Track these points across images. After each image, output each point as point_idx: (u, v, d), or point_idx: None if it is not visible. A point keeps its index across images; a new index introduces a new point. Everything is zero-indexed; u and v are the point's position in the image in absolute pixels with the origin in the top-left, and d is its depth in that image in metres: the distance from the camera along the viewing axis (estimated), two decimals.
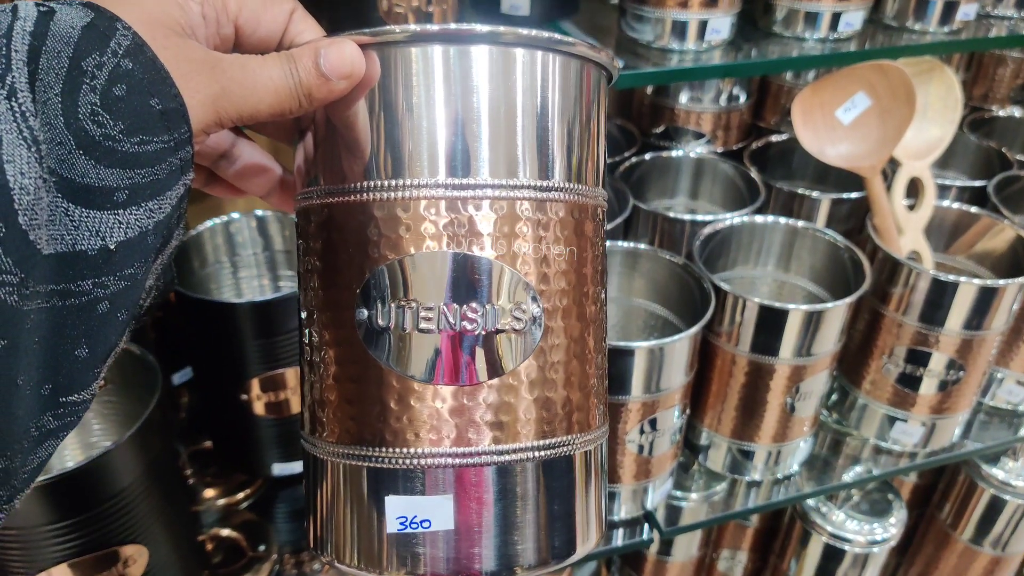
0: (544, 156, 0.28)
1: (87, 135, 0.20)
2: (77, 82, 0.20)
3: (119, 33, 0.21)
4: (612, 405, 0.60)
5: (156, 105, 0.21)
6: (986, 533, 0.92)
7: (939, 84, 0.75)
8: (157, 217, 0.22)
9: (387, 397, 0.28)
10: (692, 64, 0.63)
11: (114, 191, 0.20)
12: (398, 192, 0.27)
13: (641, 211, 0.73)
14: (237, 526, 0.70)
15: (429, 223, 0.27)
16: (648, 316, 0.71)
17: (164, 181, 0.22)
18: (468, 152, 0.27)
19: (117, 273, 0.21)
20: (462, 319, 0.27)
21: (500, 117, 0.27)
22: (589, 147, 0.29)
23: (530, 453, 0.28)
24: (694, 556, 0.92)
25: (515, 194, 0.27)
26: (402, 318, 0.27)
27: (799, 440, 0.71)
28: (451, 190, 0.26)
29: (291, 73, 0.25)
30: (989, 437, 0.81)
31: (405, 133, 0.27)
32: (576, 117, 0.28)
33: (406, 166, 0.27)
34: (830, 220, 0.78)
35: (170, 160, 0.22)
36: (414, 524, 0.28)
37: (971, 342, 0.68)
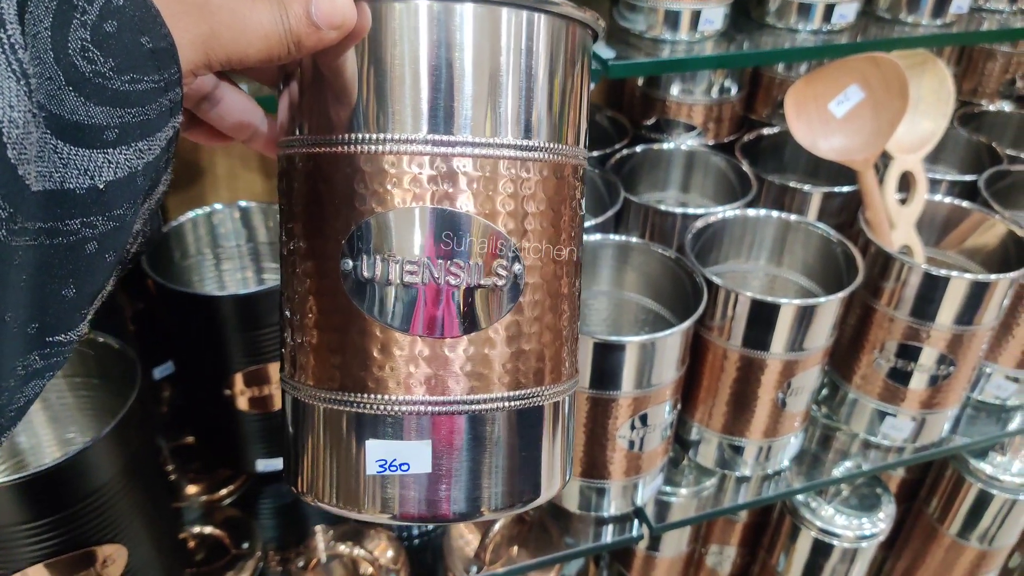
0: (528, 115, 0.28)
1: (77, 71, 0.20)
2: (67, 16, 0.19)
3: None
4: (603, 400, 0.59)
5: (147, 43, 0.21)
6: (973, 527, 0.93)
7: (932, 77, 0.74)
8: (147, 158, 0.22)
9: (370, 346, 0.28)
10: (685, 55, 0.62)
11: (104, 129, 0.20)
12: (384, 146, 0.27)
13: (632, 204, 0.73)
14: (220, 523, 0.69)
15: (415, 178, 0.27)
16: (639, 310, 0.70)
17: (154, 122, 0.21)
18: (453, 109, 0.27)
19: (106, 214, 0.21)
20: (446, 274, 0.27)
21: (485, 75, 0.27)
22: (571, 107, 0.30)
23: (504, 403, 0.29)
24: (683, 551, 0.92)
25: (499, 152, 0.27)
26: (387, 270, 0.28)
27: (790, 435, 0.71)
28: (436, 146, 0.27)
29: (281, 20, 0.25)
30: (977, 432, 0.81)
31: (392, 87, 0.27)
32: (560, 77, 0.29)
33: (392, 120, 0.27)
34: (822, 214, 0.77)
35: (160, 100, 0.22)
36: (393, 467, 0.29)
37: (962, 337, 0.68)
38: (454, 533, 0.71)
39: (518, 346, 0.29)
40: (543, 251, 0.29)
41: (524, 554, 0.68)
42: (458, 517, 0.29)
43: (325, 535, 0.70)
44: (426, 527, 0.73)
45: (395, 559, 0.69)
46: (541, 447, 0.31)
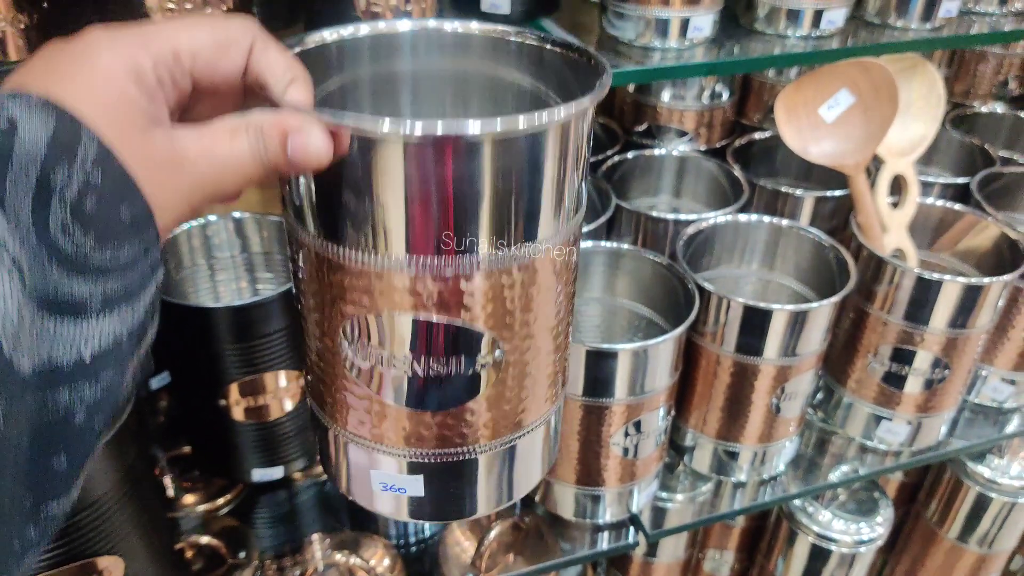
0: (501, 226, 0.30)
1: (58, 249, 0.20)
2: (46, 199, 0.20)
3: (85, 141, 0.21)
4: (596, 408, 0.59)
5: (125, 214, 0.21)
6: (972, 531, 0.93)
7: (922, 81, 0.75)
8: (130, 323, 0.22)
9: (370, 409, 0.34)
10: (674, 62, 0.63)
11: (87, 301, 0.21)
12: (375, 262, 0.30)
13: (624, 210, 0.73)
14: (217, 532, 0.69)
15: (401, 291, 0.30)
16: (631, 316, 0.70)
17: (135, 287, 0.22)
18: (434, 232, 0.29)
19: (93, 382, 0.21)
20: (426, 368, 0.32)
21: (463, 203, 0.29)
22: (559, 200, 0.31)
23: (487, 449, 0.35)
24: (680, 557, 0.92)
25: (477, 266, 0.30)
26: (377, 359, 0.32)
27: (785, 440, 0.71)
28: (418, 265, 0.29)
29: (261, 152, 0.25)
30: (975, 435, 0.81)
31: (379, 211, 0.29)
32: (534, 185, 0.30)
33: (382, 241, 0.29)
34: (814, 218, 0.78)
35: (140, 264, 0.22)
36: (392, 488, 0.36)
37: (956, 340, 0.68)
38: (450, 540, 0.71)
39: (499, 409, 0.34)
40: (525, 334, 0.33)
41: (520, 561, 0.68)
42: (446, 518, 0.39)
43: (321, 544, 0.70)
44: (422, 534, 0.74)
45: (391, 567, 0.69)
46: (522, 466, 0.37)
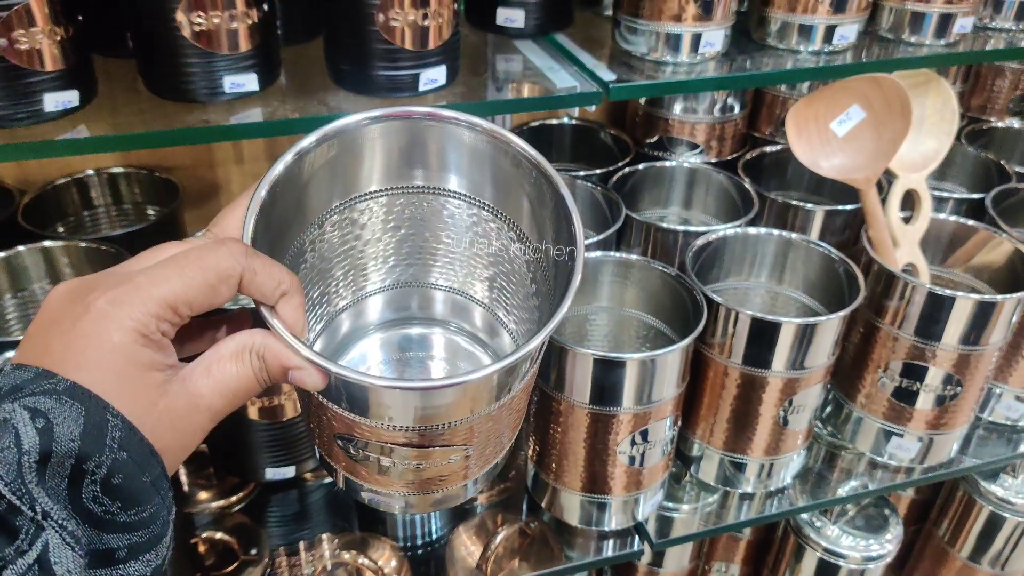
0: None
1: (91, 514, 0.24)
2: (80, 482, 0.24)
3: (111, 424, 0.25)
4: (603, 416, 0.60)
5: (147, 480, 0.25)
6: (985, 550, 0.91)
7: (936, 96, 0.75)
8: (154, 564, 0.26)
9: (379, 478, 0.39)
10: (686, 76, 0.64)
11: (115, 551, 0.24)
12: (362, 429, 0.35)
13: (634, 221, 0.74)
14: (230, 529, 0.71)
15: (378, 444, 0.35)
16: (640, 326, 0.71)
17: (158, 534, 0.25)
18: (407, 415, 0.34)
19: None
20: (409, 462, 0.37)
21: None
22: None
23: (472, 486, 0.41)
24: (685, 568, 0.92)
25: (436, 433, 0.35)
26: (366, 455, 0.37)
27: (792, 453, 0.71)
28: (389, 430, 0.34)
29: (264, 377, 0.29)
30: (988, 453, 0.80)
31: (368, 403, 0.33)
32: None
33: (368, 414, 0.34)
34: (824, 232, 0.78)
35: (160, 514, 0.26)
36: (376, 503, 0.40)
37: (969, 357, 0.67)
38: (456, 543, 0.72)
39: (462, 481, 0.39)
40: (488, 439, 0.38)
41: (525, 566, 0.69)
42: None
43: (331, 544, 0.72)
44: (429, 537, 0.74)
45: (398, 568, 0.70)
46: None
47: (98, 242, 0.70)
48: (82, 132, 0.48)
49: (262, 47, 0.52)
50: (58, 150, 0.48)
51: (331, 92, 0.56)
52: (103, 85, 0.53)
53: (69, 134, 0.48)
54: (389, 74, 0.54)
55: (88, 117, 0.50)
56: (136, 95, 0.53)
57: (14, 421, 0.23)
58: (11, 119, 0.47)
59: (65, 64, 0.48)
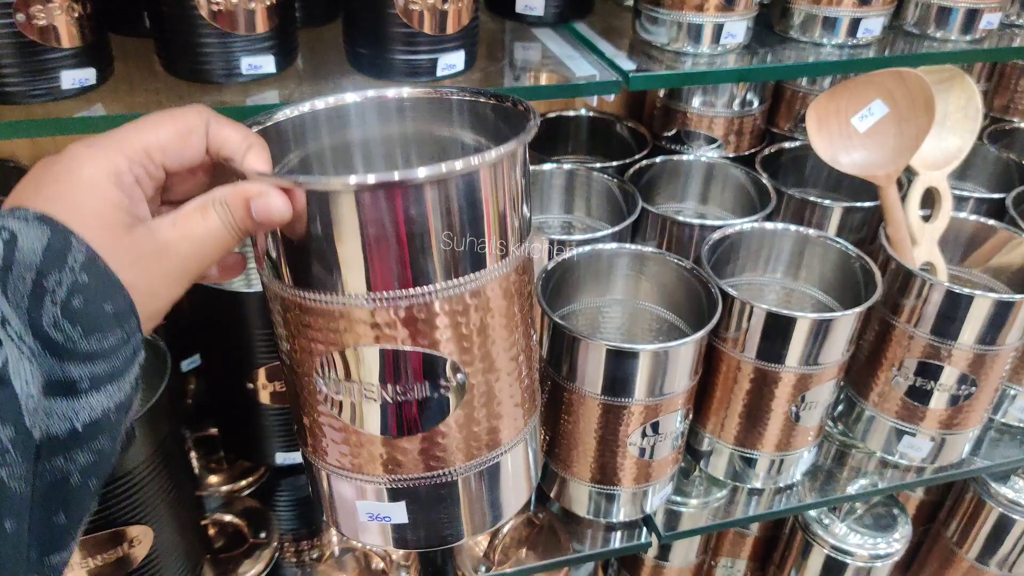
0: (454, 260, 0.33)
1: (51, 340, 0.24)
2: (40, 299, 0.24)
3: (74, 248, 0.25)
4: (615, 407, 0.60)
5: (109, 309, 0.25)
6: (993, 552, 0.91)
7: (959, 93, 0.74)
8: (117, 398, 0.25)
9: (348, 440, 0.36)
10: (706, 67, 0.63)
11: (78, 382, 0.24)
12: (338, 302, 0.33)
13: (650, 214, 0.73)
14: (239, 512, 0.71)
15: (364, 325, 0.33)
16: (654, 319, 0.71)
17: (120, 368, 0.26)
18: (391, 271, 0.32)
19: (85, 449, 0.25)
20: (396, 395, 0.34)
21: (411, 241, 0.32)
22: (501, 227, 0.34)
23: (463, 472, 0.37)
24: (692, 563, 0.92)
25: (431, 297, 0.33)
26: (350, 393, 0.34)
27: (803, 450, 0.70)
28: (377, 301, 0.32)
29: (230, 223, 0.29)
30: (999, 455, 0.79)
31: (336, 256, 0.32)
32: (474, 221, 0.33)
33: (343, 282, 0.32)
34: (842, 229, 0.77)
35: (123, 350, 0.26)
36: (377, 518, 0.38)
37: (984, 357, 0.67)
38: None
39: (469, 430, 0.36)
40: (484, 356, 0.35)
41: (532, 556, 0.69)
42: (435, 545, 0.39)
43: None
44: None
45: (406, 556, 0.70)
46: (501, 488, 0.39)
47: None
48: (98, 110, 0.48)
49: (280, 29, 0.52)
50: (74, 128, 0.47)
51: (348, 75, 0.56)
52: (119, 64, 0.52)
53: (85, 112, 0.48)
54: (407, 58, 0.54)
55: (104, 96, 0.50)
56: (152, 75, 0.52)
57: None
58: (28, 95, 0.47)
59: (82, 41, 0.47)
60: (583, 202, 0.81)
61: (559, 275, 0.66)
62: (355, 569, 0.69)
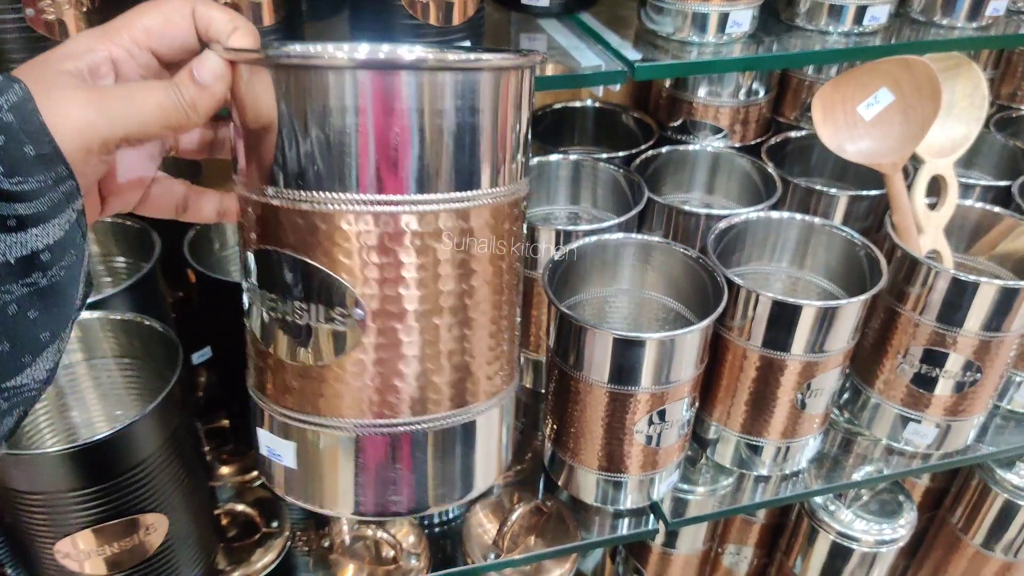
0: (379, 167, 0.29)
1: None
2: None
3: (11, 91, 0.25)
4: (621, 395, 0.60)
5: (30, 152, 0.25)
6: (998, 538, 0.91)
7: (966, 81, 0.73)
8: (47, 240, 0.26)
9: (258, 359, 0.34)
10: (712, 57, 0.63)
11: (6, 219, 0.25)
12: (260, 195, 0.31)
13: (656, 204, 0.73)
14: (251, 503, 0.72)
15: (277, 224, 0.30)
16: (660, 309, 0.71)
17: (47, 212, 0.26)
18: (298, 163, 0.30)
19: (19, 282, 0.26)
20: (293, 312, 0.31)
21: (337, 136, 0.29)
22: (442, 157, 0.30)
23: (354, 428, 0.32)
24: (699, 550, 0.93)
25: (357, 207, 0.29)
26: (256, 299, 0.32)
27: (809, 437, 0.71)
28: (287, 200, 0.30)
29: (174, 91, 0.29)
30: (1005, 441, 0.79)
31: (283, 146, 0.30)
32: (404, 127, 0.29)
33: (256, 175, 0.31)
34: (848, 217, 0.77)
35: (50, 195, 0.26)
36: (273, 455, 0.35)
37: (989, 344, 0.67)
38: (473, 521, 0.73)
39: (363, 382, 0.32)
40: (392, 299, 0.31)
41: (540, 543, 0.70)
42: (321, 507, 0.34)
43: (350, 519, 0.73)
44: (446, 516, 0.76)
45: (416, 544, 0.71)
46: (419, 466, 0.34)
47: (123, 217, 0.71)
48: None
49: (286, 21, 0.52)
50: None
51: None
52: None
53: None
54: None
55: None
56: None
57: None
58: None
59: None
60: (589, 193, 0.81)
61: (566, 265, 0.66)
62: (365, 557, 0.70)
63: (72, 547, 0.52)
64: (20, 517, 0.51)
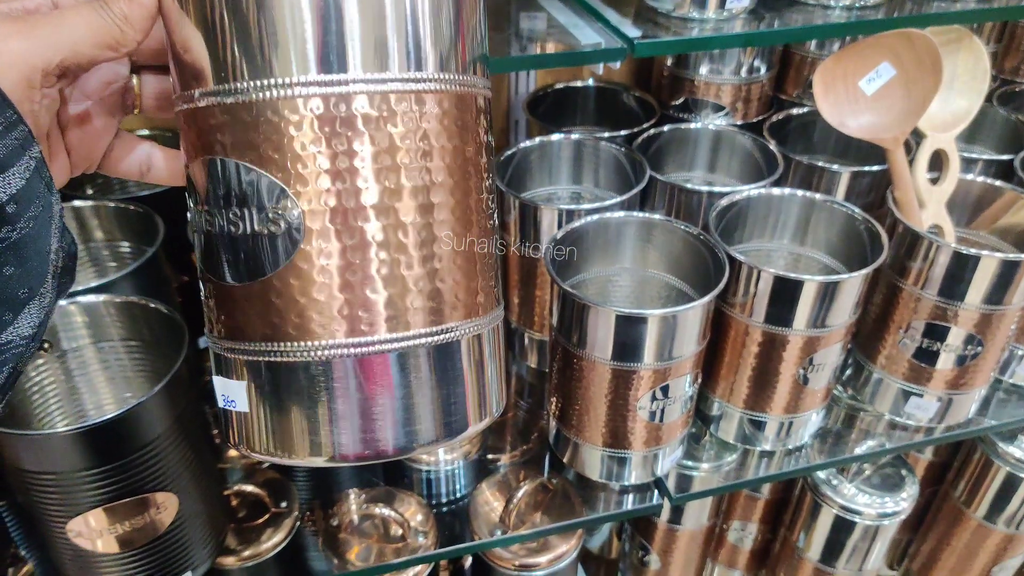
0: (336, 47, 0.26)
1: None
2: None
3: None
4: (624, 372, 0.61)
5: None
6: (1001, 511, 0.92)
7: (967, 54, 0.73)
8: (9, 190, 0.25)
9: (205, 296, 0.31)
10: (713, 33, 0.63)
11: None
12: (185, 105, 0.29)
13: (658, 182, 0.74)
14: (260, 483, 0.73)
15: (203, 127, 0.28)
16: (662, 287, 0.72)
17: (3, 160, 0.25)
18: (232, 53, 0.27)
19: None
20: (222, 221, 0.28)
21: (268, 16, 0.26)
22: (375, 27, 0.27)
23: (307, 351, 0.28)
24: (704, 526, 0.94)
25: (283, 92, 0.27)
26: (194, 221, 0.30)
27: (811, 412, 0.71)
28: (209, 97, 0.28)
29: (102, 7, 0.28)
30: (1006, 415, 0.80)
31: (196, 47, 0.28)
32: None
33: (188, 81, 0.29)
34: (850, 193, 0.77)
35: (3, 142, 0.25)
36: (228, 402, 0.31)
37: (991, 317, 0.67)
38: (480, 499, 0.74)
39: (310, 297, 0.28)
40: (331, 195, 0.27)
41: (546, 520, 0.71)
42: (276, 456, 0.30)
43: (358, 498, 0.74)
44: (454, 494, 0.76)
45: (424, 521, 0.72)
46: (384, 397, 0.29)
47: (127, 202, 0.71)
48: None
49: None
50: None
51: None
52: None
53: None
54: None
55: None
56: None
57: None
58: None
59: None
60: (591, 173, 0.81)
61: (568, 245, 0.66)
62: (374, 535, 0.71)
63: (84, 526, 0.52)
64: (33, 497, 0.52)
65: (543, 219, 0.68)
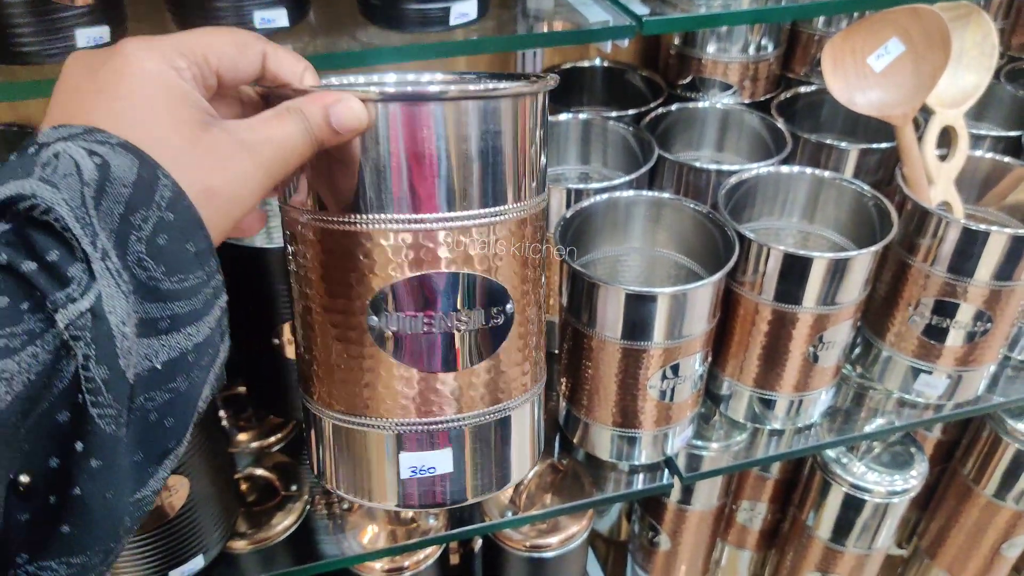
0: (507, 185, 0.34)
1: (135, 278, 0.23)
2: (127, 235, 0.23)
3: (161, 184, 0.24)
4: (634, 351, 0.61)
5: (191, 248, 0.24)
6: (1010, 488, 0.92)
7: (975, 29, 0.72)
8: (196, 339, 0.25)
9: (396, 384, 0.36)
10: (721, 9, 0.62)
11: (158, 321, 0.24)
12: (395, 225, 0.33)
13: (666, 162, 0.73)
14: (271, 467, 0.73)
15: (426, 250, 0.33)
16: (672, 266, 0.71)
17: (200, 310, 0.25)
18: (462, 189, 0.33)
19: (162, 388, 0.24)
20: (456, 322, 0.34)
21: (492, 161, 0.33)
22: (528, 167, 0.35)
23: (497, 413, 0.39)
24: (714, 506, 0.94)
25: (495, 219, 0.34)
26: (407, 325, 0.34)
27: (821, 390, 0.71)
28: (442, 223, 0.33)
29: (307, 130, 0.29)
30: (1016, 392, 0.80)
31: (407, 176, 0.32)
32: (519, 146, 0.34)
33: (408, 203, 0.33)
34: (858, 171, 0.77)
35: (204, 291, 0.25)
36: (423, 471, 0.38)
37: (1000, 293, 0.67)
38: None
39: (515, 368, 0.37)
40: (525, 290, 0.37)
41: (557, 501, 0.71)
42: (448, 504, 0.40)
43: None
44: None
45: None
46: (522, 439, 0.41)
47: None
48: None
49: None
50: None
51: (361, 27, 0.56)
52: (133, 23, 0.53)
53: None
54: (420, 8, 0.54)
55: None
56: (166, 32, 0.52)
57: (71, 153, 0.22)
58: (43, 55, 0.47)
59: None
60: (600, 152, 0.81)
61: (577, 224, 0.66)
62: (384, 518, 0.72)
63: None
64: None
65: (552, 199, 0.68)
